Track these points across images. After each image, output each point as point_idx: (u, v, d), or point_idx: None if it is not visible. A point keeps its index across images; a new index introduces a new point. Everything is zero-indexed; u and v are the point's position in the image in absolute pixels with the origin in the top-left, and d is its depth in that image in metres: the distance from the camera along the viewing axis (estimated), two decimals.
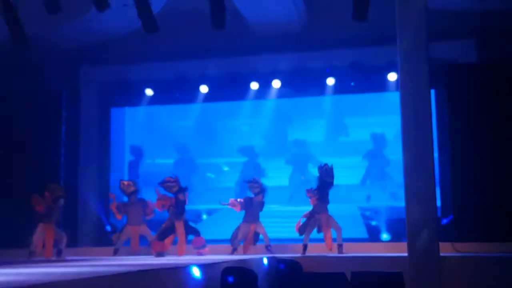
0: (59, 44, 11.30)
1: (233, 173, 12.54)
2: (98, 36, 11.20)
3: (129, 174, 12.58)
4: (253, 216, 9.84)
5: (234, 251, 9.81)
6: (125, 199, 10.41)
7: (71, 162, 11.98)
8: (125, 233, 10.20)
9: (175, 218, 9.62)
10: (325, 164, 9.56)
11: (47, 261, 8.82)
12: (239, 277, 6.00)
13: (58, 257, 9.56)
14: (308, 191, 9.67)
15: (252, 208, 9.84)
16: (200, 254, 9.57)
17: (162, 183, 9.72)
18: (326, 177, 9.48)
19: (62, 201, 9.97)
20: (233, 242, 9.83)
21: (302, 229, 9.52)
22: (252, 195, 9.91)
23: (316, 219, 9.44)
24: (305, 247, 9.32)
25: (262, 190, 9.87)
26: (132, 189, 10.22)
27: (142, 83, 12.06)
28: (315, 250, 9.56)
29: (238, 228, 9.88)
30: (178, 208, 9.61)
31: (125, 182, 10.40)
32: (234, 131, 12.65)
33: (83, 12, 10.26)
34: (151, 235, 10.04)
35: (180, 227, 9.58)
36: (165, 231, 9.66)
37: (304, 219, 9.58)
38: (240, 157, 12.56)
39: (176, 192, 9.64)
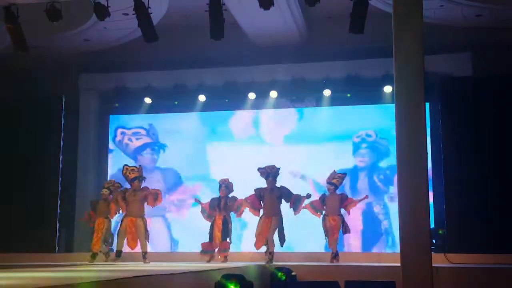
0: (59, 52, 11.40)
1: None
2: (98, 44, 11.32)
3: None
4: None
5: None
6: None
7: (69, 169, 12.03)
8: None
9: (217, 212, 9.41)
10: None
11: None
12: (234, 285, 6.05)
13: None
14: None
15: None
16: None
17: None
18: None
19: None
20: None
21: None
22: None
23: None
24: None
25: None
26: (135, 174, 9.28)
27: (141, 91, 12.14)
28: (310, 259, 9.63)
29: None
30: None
31: (129, 167, 9.37)
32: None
33: (84, 20, 10.36)
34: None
35: (219, 220, 9.40)
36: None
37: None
38: None
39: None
